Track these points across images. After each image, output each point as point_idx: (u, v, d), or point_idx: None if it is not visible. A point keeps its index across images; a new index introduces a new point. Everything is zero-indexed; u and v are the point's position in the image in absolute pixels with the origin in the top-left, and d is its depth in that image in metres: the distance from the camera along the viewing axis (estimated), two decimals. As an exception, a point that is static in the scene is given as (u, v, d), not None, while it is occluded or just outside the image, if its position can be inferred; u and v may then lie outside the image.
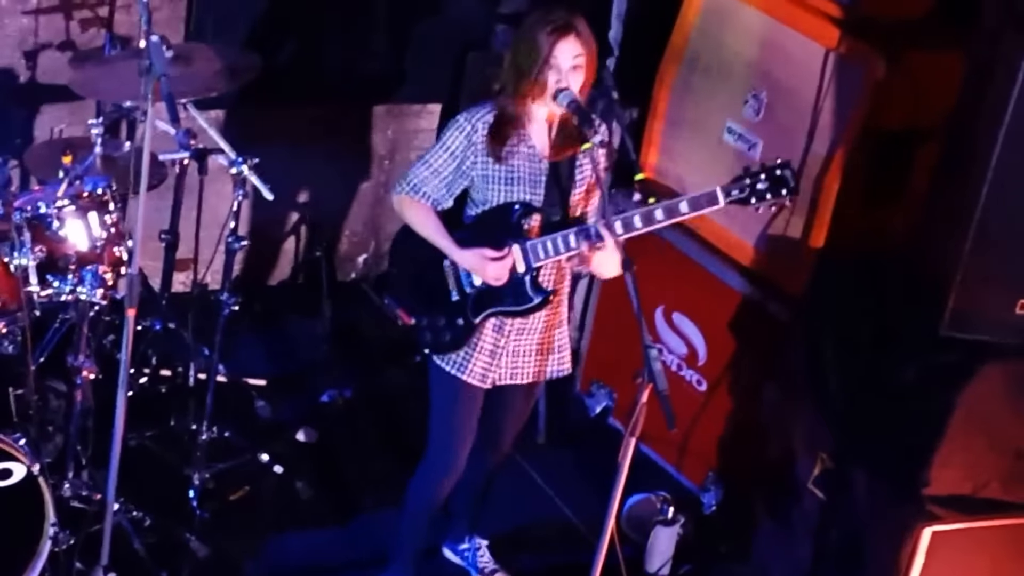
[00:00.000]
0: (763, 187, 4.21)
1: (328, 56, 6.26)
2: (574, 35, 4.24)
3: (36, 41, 5.74)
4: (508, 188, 4.35)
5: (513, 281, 4.37)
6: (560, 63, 4.22)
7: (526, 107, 4.30)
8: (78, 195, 4.59)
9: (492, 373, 4.49)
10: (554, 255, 4.34)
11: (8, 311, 4.44)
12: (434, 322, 4.46)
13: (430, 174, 4.38)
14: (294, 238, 6.62)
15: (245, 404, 5.70)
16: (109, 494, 4.20)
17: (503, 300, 4.40)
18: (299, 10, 6.11)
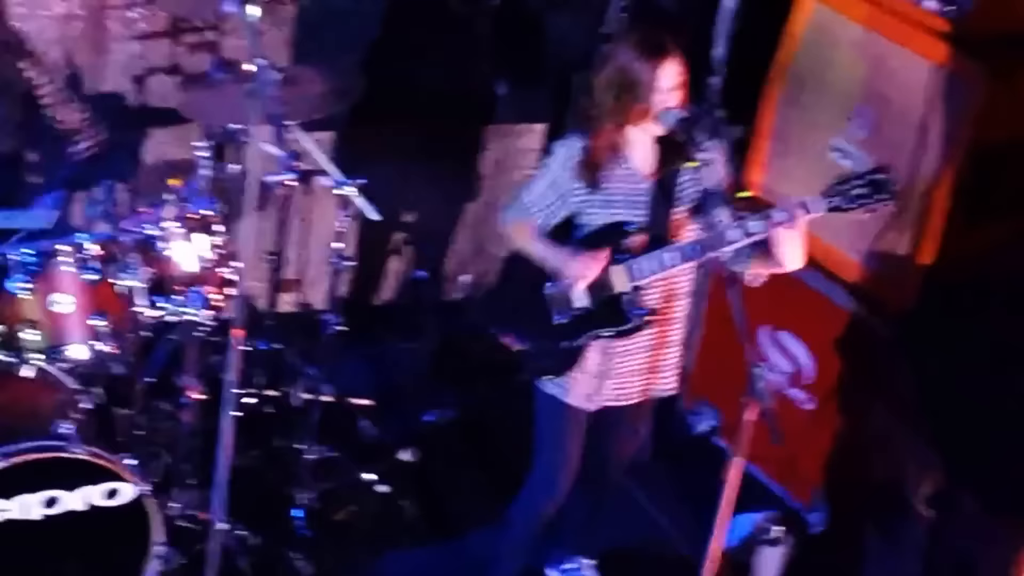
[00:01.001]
0: (860, 192, 4.15)
1: (432, 77, 6.28)
2: (671, 56, 4.22)
3: (145, 66, 5.84)
4: (608, 211, 4.33)
5: (615, 301, 4.35)
6: (662, 85, 4.21)
7: (624, 132, 4.29)
8: (186, 217, 4.65)
9: (596, 395, 4.46)
10: (658, 272, 4.30)
11: (117, 332, 4.50)
12: (539, 347, 4.45)
13: (538, 198, 4.38)
14: (398, 258, 6.65)
15: (349, 424, 5.73)
16: (216, 513, 4.23)
17: (605, 322, 4.37)
18: (403, 32, 6.15)
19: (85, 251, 4.43)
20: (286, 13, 5.98)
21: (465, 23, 6.32)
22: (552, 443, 4.54)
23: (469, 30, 6.32)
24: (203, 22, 5.85)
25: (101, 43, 5.72)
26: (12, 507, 4.09)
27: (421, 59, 6.23)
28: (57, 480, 4.14)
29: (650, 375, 4.51)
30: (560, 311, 4.41)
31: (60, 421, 4.20)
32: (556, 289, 4.39)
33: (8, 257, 4.38)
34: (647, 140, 4.34)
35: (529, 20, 6.40)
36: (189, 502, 4.91)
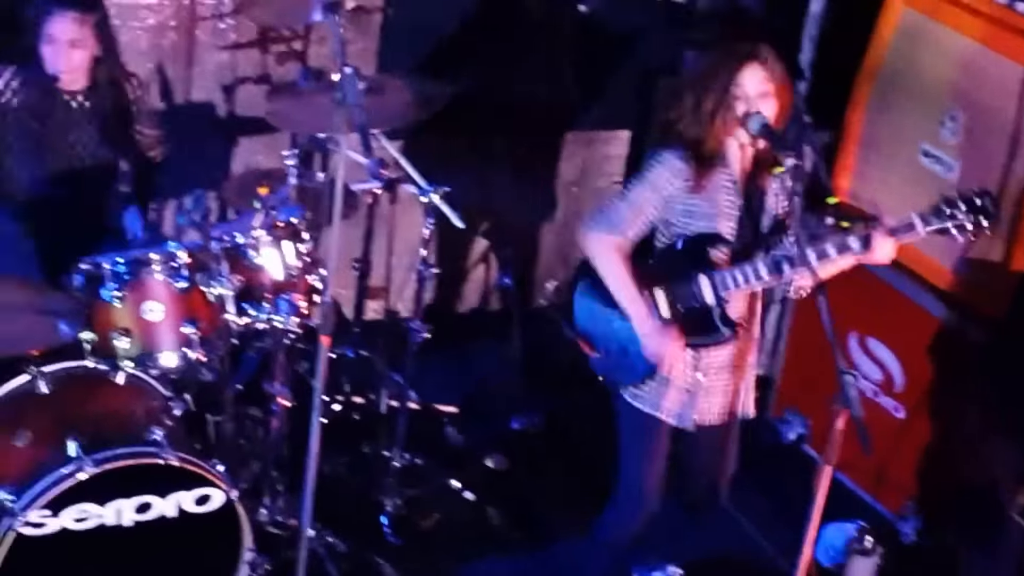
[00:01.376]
0: (963, 218, 4.10)
1: (517, 84, 6.29)
2: (759, 63, 4.18)
3: (234, 75, 5.90)
4: (704, 221, 4.28)
5: (701, 313, 4.31)
6: (747, 91, 4.17)
7: (717, 140, 4.25)
8: (273, 225, 4.69)
9: (686, 411, 4.43)
10: (744, 286, 4.26)
11: (207, 339, 4.54)
12: (621, 355, 4.41)
13: (632, 212, 4.29)
14: (484, 265, 6.66)
15: (436, 431, 5.75)
16: (304, 520, 4.25)
17: (692, 332, 4.34)
18: (488, 39, 6.16)
19: (176, 259, 4.48)
20: (372, 22, 6.01)
21: (550, 30, 6.31)
22: (638, 458, 4.51)
23: (554, 37, 6.31)
24: (291, 32, 5.90)
25: (192, 54, 5.78)
26: (106, 513, 4.14)
27: (506, 66, 6.23)
28: (149, 486, 4.18)
29: (731, 396, 4.48)
30: None
31: (152, 427, 4.24)
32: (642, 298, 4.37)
33: (102, 266, 4.44)
34: (738, 152, 4.30)
35: (614, 26, 6.39)
36: (278, 508, 4.94)
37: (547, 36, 6.30)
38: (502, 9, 6.17)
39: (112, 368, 4.40)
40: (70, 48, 4.85)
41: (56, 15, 4.83)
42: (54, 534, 4.10)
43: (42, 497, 4.04)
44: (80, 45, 4.87)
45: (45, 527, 4.07)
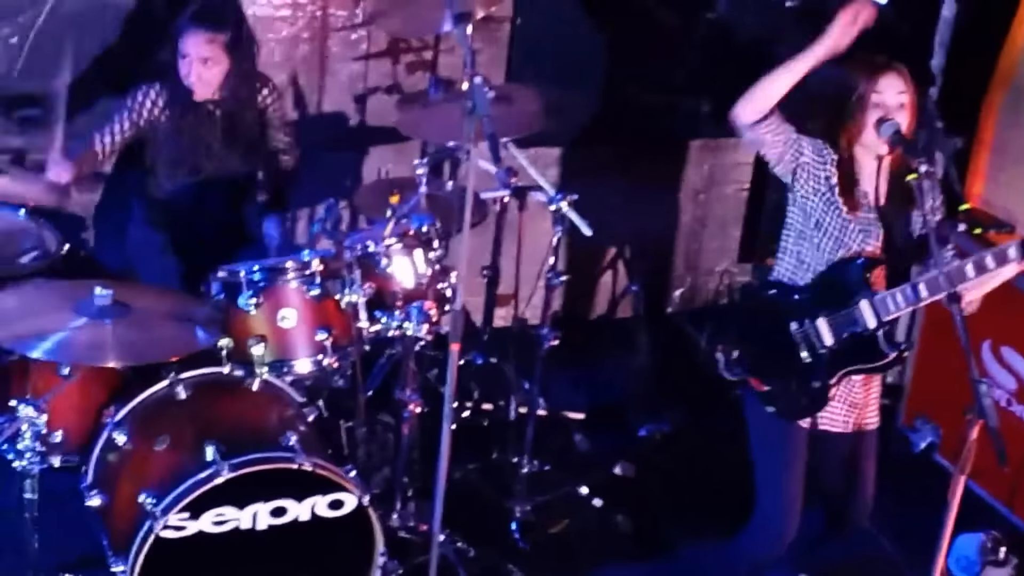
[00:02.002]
0: None
1: (645, 91, 6.28)
2: (897, 72, 4.14)
3: (365, 85, 5.97)
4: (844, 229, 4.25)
5: (866, 338, 4.26)
6: (885, 99, 4.13)
7: (850, 147, 4.21)
8: (404, 233, 4.75)
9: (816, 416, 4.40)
10: (904, 307, 4.19)
11: (340, 346, 4.61)
12: (786, 387, 4.38)
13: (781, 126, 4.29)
14: (611, 272, 6.66)
15: (564, 437, 5.76)
16: (435, 525, 4.28)
17: (858, 357, 4.27)
18: (616, 48, 6.16)
19: (310, 268, 4.55)
20: (501, 32, 6.05)
21: (678, 36, 6.30)
22: (775, 467, 4.47)
23: (682, 43, 6.30)
24: (421, 42, 5.96)
25: (324, 64, 5.87)
26: (243, 516, 4.21)
27: (634, 74, 6.23)
28: (285, 490, 4.24)
29: (860, 408, 4.44)
30: (808, 349, 4.34)
31: (287, 433, 4.31)
32: (802, 328, 4.34)
33: (238, 274, 4.53)
34: (875, 167, 4.26)
35: (742, 32, 6.35)
36: (409, 513, 4.99)
37: (674, 42, 6.29)
38: (630, 16, 6.17)
39: (248, 374, 4.48)
40: (201, 64, 4.98)
41: (190, 33, 4.96)
42: (191, 537, 4.18)
43: (182, 500, 4.12)
44: (212, 62, 4.99)
45: (184, 530, 4.15)
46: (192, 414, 4.39)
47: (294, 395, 4.59)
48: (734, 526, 4.69)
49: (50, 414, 4.25)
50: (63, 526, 4.50)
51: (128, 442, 4.35)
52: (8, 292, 4.46)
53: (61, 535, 4.51)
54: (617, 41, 6.15)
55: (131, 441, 4.35)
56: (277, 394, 4.57)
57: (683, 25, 6.29)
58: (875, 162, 4.25)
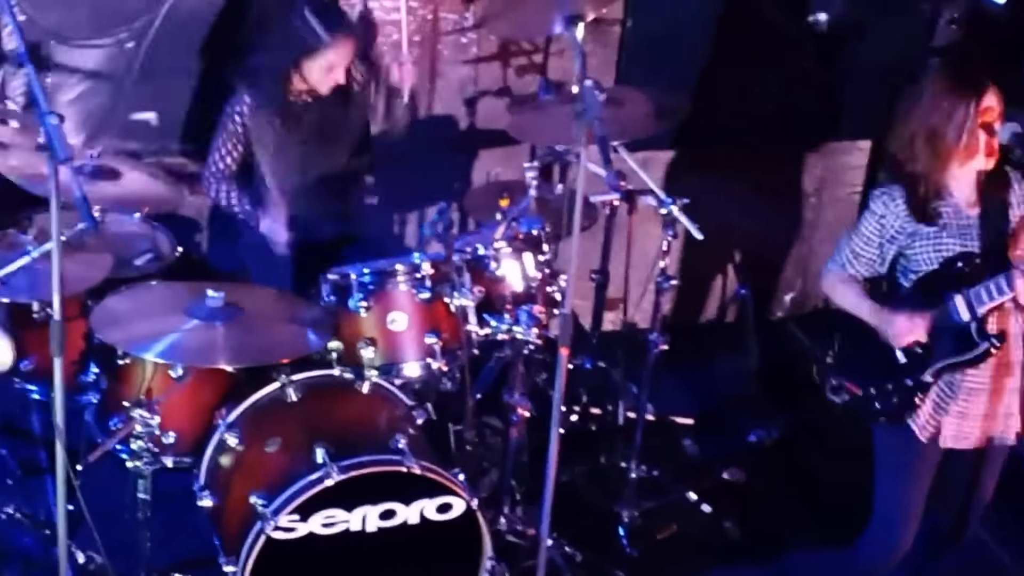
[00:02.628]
0: None
1: (755, 95, 6.22)
2: (992, 89, 4.10)
3: (475, 88, 5.98)
4: (937, 247, 4.22)
5: (959, 330, 4.21)
6: (990, 116, 4.09)
7: (948, 171, 4.17)
8: (514, 237, 4.74)
9: (934, 427, 4.32)
10: (998, 298, 4.14)
11: (449, 350, 4.61)
12: (882, 388, 4.34)
13: (858, 249, 4.34)
14: (721, 277, 6.61)
15: (673, 442, 5.72)
16: (543, 529, 4.27)
17: (951, 351, 4.23)
18: (727, 49, 6.11)
19: (420, 271, 4.56)
20: (612, 34, 6.02)
21: (789, 38, 6.22)
22: (895, 480, 4.41)
23: (793, 45, 6.22)
24: (531, 45, 5.95)
25: (435, 68, 5.88)
26: (352, 519, 4.22)
27: (745, 77, 6.17)
28: (394, 493, 4.25)
29: (992, 420, 4.34)
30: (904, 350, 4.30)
31: (396, 436, 4.31)
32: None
33: (349, 277, 4.55)
34: (972, 174, 4.21)
35: (854, 33, 6.26)
36: (517, 517, 4.98)
37: (786, 44, 6.21)
38: (741, 19, 6.11)
39: (358, 377, 4.49)
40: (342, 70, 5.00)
41: (340, 42, 4.97)
42: (301, 538, 4.19)
43: (292, 502, 4.14)
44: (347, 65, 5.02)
45: (294, 531, 4.17)
46: (302, 416, 4.42)
47: (403, 398, 4.60)
48: (844, 533, 4.64)
49: (163, 415, 4.30)
50: (175, 526, 4.55)
51: (239, 443, 4.38)
52: (123, 294, 4.52)
53: (173, 535, 4.56)
54: (729, 43, 6.09)
55: (242, 443, 4.38)
56: (386, 397, 4.58)
57: (796, 26, 6.20)
58: (973, 173, 4.19)
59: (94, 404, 4.57)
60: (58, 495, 3.80)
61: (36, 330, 4.61)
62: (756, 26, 6.14)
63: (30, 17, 5.25)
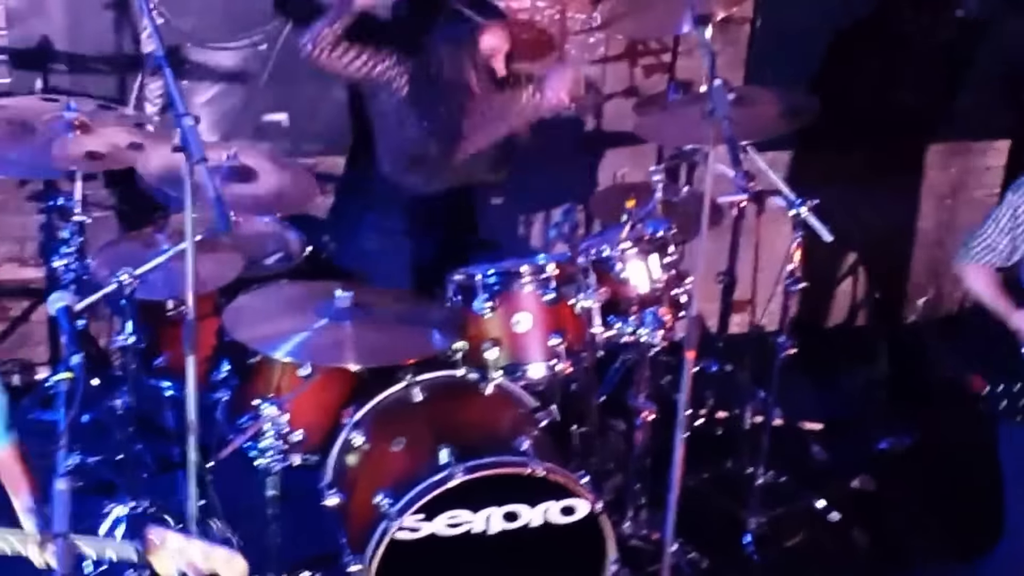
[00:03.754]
0: None
1: (887, 94, 6.12)
2: None
3: (602, 89, 5.96)
4: None
5: None
6: None
7: None
8: (640, 238, 4.71)
9: None
10: None
11: (573, 351, 4.60)
12: (1009, 387, 4.26)
13: (990, 239, 4.31)
14: (851, 280, 6.51)
15: (800, 449, 5.64)
16: (667, 534, 4.25)
17: None
18: (857, 49, 6.02)
19: (545, 272, 4.55)
20: (741, 33, 5.96)
21: (924, 35, 6.11)
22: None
23: (928, 43, 6.11)
24: (659, 44, 5.92)
25: (562, 68, 5.88)
26: (476, 520, 4.23)
27: (877, 76, 6.07)
28: (517, 495, 4.25)
29: None
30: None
31: (519, 437, 4.31)
32: None
33: (474, 278, 4.56)
34: None
35: (993, 31, 6.13)
36: (641, 522, 4.95)
37: (921, 42, 6.11)
38: (872, 17, 6.01)
39: (482, 378, 4.50)
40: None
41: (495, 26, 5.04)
42: (426, 538, 4.21)
43: (417, 502, 4.16)
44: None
45: (419, 531, 4.19)
46: (427, 416, 4.44)
47: (527, 399, 4.59)
48: (976, 545, 4.54)
49: (291, 413, 4.34)
50: (302, 523, 4.60)
51: (365, 443, 4.42)
52: (253, 294, 4.58)
53: (300, 532, 4.61)
54: (860, 41, 6.01)
55: (368, 442, 4.41)
56: (510, 398, 4.58)
57: (930, 24, 6.09)
58: None
59: (225, 401, 4.64)
60: (190, 491, 3.86)
61: (170, 328, 4.70)
62: (889, 24, 6.05)
63: (168, 21, 5.36)
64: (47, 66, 5.38)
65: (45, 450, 5.27)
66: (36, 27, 5.34)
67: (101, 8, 5.36)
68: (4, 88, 5.33)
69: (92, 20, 5.37)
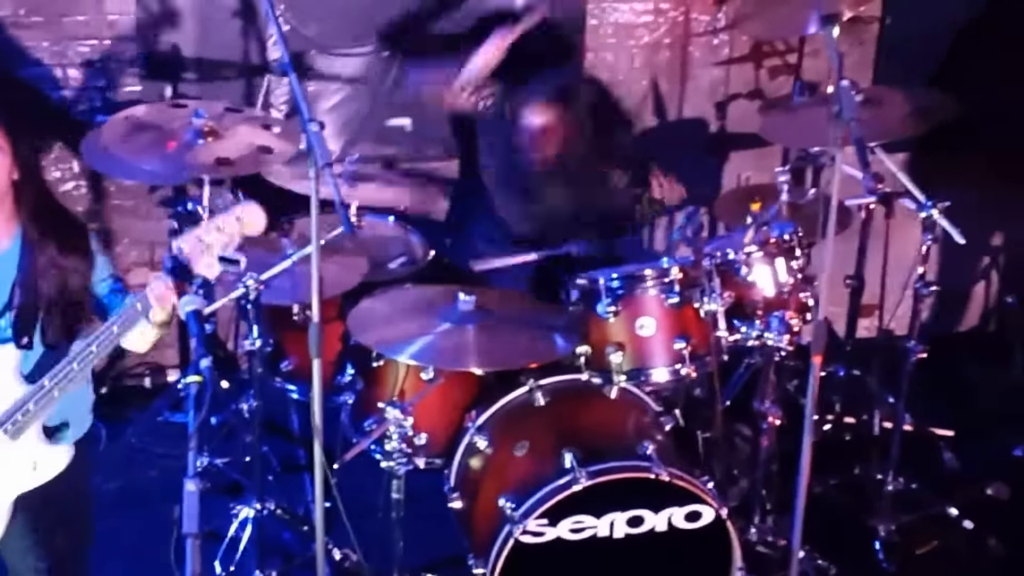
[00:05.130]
0: None
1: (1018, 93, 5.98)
2: None
3: (726, 91, 5.92)
4: None
5: None
6: None
7: None
8: (765, 241, 4.66)
9: None
10: None
11: (698, 355, 4.56)
12: None
13: None
14: (984, 283, 6.38)
15: (931, 455, 5.53)
16: (794, 541, 4.19)
17: None
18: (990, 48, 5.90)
19: (669, 275, 4.52)
20: (869, 32, 5.87)
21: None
22: None
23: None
24: (785, 45, 5.85)
25: (685, 70, 5.84)
26: (600, 525, 4.21)
27: (1010, 75, 5.94)
28: (642, 500, 4.22)
29: None
30: None
31: (643, 442, 4.28)
32: None
33: (597, 282, 4.54)
34: None
35: None
36: (767, 528, 4.90)
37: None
38: (1006, 14, 5.88)
39: (606, 382, 4.49)
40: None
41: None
42: (550, 542, 4.20)
43: (540, 507, 4.15)
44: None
45: (543, 536, 4.19)
46: (550, 421, 4.43)
47: (651, 404, 4.57)
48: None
49: (415, 416, 4.36)
50: (426, 526, 4.61)
51: (488, 446, 4.42)
52: (378, 297, 4.61)
53: (424, 535, 4.62)
54: (992, 40, 5.88)
55: (491, 445, 4.42)
56: (634, 403, 4.55)
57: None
58: None
59: (349, 405, 4.68)
60: (316, 493, 3.89)
61: (295, 332, 4.74)
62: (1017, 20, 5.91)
63: (293, 27, 5.42)
64: (177, 74, 5.48)
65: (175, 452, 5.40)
66: (166, 36, 5.44)
67: (229, 16, 5.44)
68: (135, 96, 5.44)
69: (220, 28, 5.46)
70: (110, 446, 5.16)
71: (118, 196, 5.65)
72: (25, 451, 3.68)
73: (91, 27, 5.39)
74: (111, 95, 5.47)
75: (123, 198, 5.66)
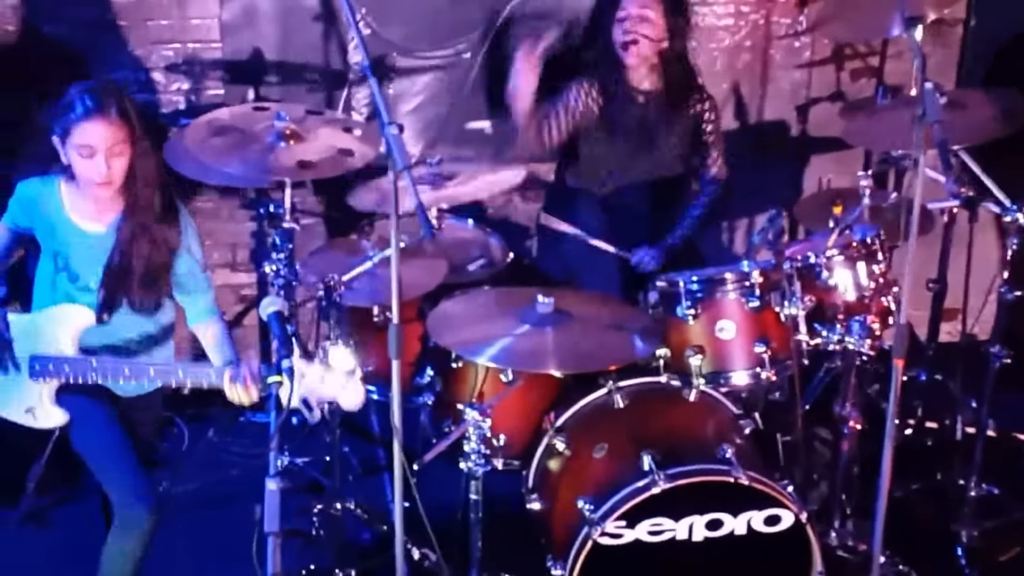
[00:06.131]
0: None
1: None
2: None
3: (808, 94, 5.88)
4: None
5: None
6: None
7: None
8: (847, 245, 4.63)
9: None
10: None
11: (778, 359, 4.54)
12: None
13: None
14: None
15: (1016, 461, 5.46)
16: (875, 546, 4.16)
17: None
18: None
19: (749, 279, 4.50)
20: (953, 35, 5.81)
21: None
22: None
23: None
24: (867, 47, 5.81)
25: (766, 73, 5.82)
26: (679, 528, 4.20)
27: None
28: (720, 503, 4.21)
29: None
30: None
31: (722, 445, 4.27)
32: None
33: (677, 284, 4.54)
34: None
35: None
36: (847, 532, 4.86)
37: None
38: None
39: (685, 385, 4.47)
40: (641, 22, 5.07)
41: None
42: (628, 545, 4.20)
43: (618, 509, 4.15)
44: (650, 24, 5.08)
45: (621, 538, 4.18)
46: (629, 423, 4.42)
47: (730, 407, 4.55)
48: None
49: (494, 418, 4.36)
50: (505, 528, 4.62)
51: (567, 448, 4.42)
52: (457, 299, 4.63)
53: (503, 536, 4.63)
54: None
55: (570, 447, 4.42)
56: (714, 406, 4.54)
57: None
58: None
59: (429, 406, 4.70)
60: (395, 493, 3.91)
61: (376, 333, 4.77)
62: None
63: (374, 31, 5.46)
64: (259, 77, 5.53)
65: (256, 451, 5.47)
66: (248, 39, 5.50)
67: (310, 20, 5.49)
68: (218, 100, 5.50)
69: (302, 32, 5.51)
70: (192, 446, 5.23)
71: (200, 198, 5.72)
72: (35, 395, 4.08)
73: (174, 31, 5.47)
74: (194, 98, 5.54)
75: (204, 200, 5.73)
